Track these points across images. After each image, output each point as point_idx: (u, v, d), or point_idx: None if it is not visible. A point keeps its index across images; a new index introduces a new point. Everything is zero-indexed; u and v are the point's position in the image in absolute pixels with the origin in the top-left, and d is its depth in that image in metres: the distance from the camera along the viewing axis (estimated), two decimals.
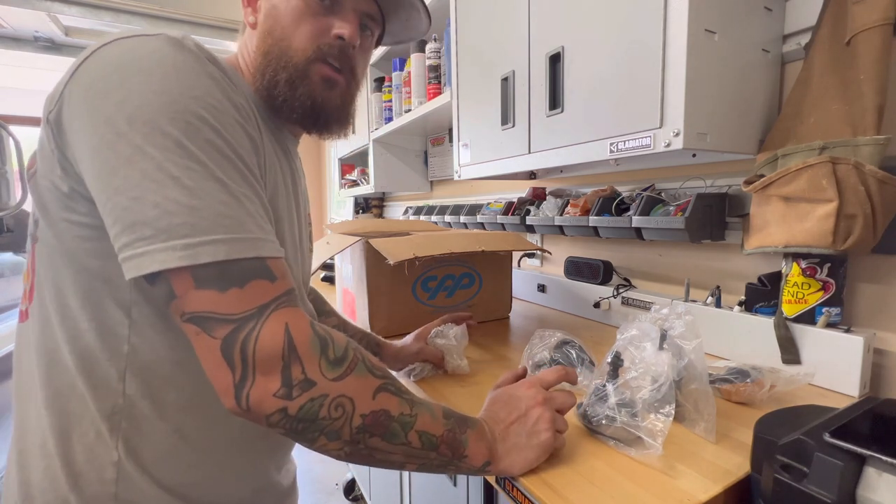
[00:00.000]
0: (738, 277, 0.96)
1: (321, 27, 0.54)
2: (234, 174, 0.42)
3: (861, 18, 0.68)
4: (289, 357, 0.41)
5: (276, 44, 0.53)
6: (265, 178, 0.51)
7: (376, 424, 0.45)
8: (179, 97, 0.40)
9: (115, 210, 0.39)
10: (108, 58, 0.41)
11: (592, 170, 1.29)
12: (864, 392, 0.74)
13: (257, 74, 0.54)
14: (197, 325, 0.40)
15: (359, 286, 1.14)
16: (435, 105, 1.49)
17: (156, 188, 0.38)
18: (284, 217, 0.56)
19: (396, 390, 0.48)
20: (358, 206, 2.89)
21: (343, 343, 0.46)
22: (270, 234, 0.44)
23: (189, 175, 0.39)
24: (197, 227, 0.38)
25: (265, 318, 0.41)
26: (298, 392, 0.41)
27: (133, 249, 0.38)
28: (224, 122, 0.43)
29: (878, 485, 0.40)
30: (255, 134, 0.48)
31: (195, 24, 2.49)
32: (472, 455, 0.51)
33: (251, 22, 0.56)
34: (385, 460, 0.47)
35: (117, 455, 0.46)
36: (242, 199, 0.42)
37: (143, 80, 0.40)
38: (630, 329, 0.65)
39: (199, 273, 0.39)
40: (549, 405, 0.56)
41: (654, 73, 0.71)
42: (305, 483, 2.05)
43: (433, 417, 0.49)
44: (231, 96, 0.45)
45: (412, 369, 0.85)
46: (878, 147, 0.67)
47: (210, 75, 0.43)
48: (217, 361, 0.40)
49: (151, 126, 0.39)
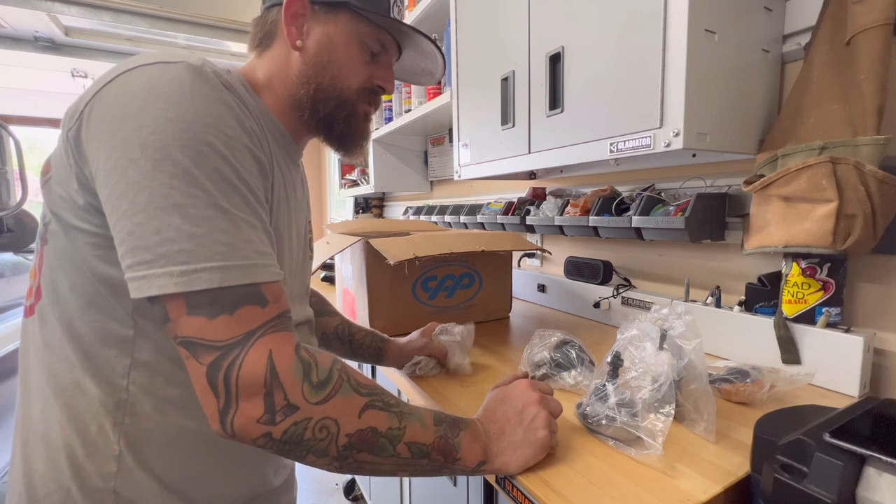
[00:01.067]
0: (738, 277, 0.96)
1: (368, 74, 0.62)
2: (238, 200, 0.44)
3: (861, 18, 0.68)
4: (271, 384, 0.42)
5: (332, 81, 0.59)
6: (272, 198, 0.53)
7: (363, 441, 0.46)
8: (192, 124, 0.42)
9: (121, 232, 0.41)
10: (130, 84, 0.43)
11: (592, 170, 1.29)
12: (864, 392, 0.74)
13: (302, 100, 0.59)
14: (187, 349, 0.41)
15: (359, 286, 1.14)
16: (435, 105, 1.49)
17: (159, 215, 0.40)
18: (285, 233, 0.58)
19: (384, 405, 0.48)
20: (358, 206, 2.89)
21: (327, 365, 0.46)
22: (269, 257, 0.46)
23: (193, 203, 0.41)
24: (194, 254, 0.40)
25: (250, 345, 0.42)
26: (282, 417, 0.42)
27: (135, 272, 0.40)
28: (233, 147, 0.45)
29: (878, 485, 0.40)
30: (264, 157, 0.50)
31: (195, 24, 2.49)
32: (465, 457, 0.51)
33: (297, 45, 0.58)
34: (376, 470, 0.48)
35: (118, 449, 0.48)
36: (242, 226, 0.44)
37: (160, 106, 0.42)
38: (630, 329, 0.65)
39: (192, 299, 0.41)
40: (544, 404, 0.57)
41: (654, 74, 0.71)
42: (305, 483, 2.05)
43: (423, 426, 0.49)
44: (243, 122, 0.47)
45: (416, 363, 0.84)
46: (878, 147, 0.67)
47: (225, 102, 0.45)
48: (203, 387, 0.42)
49: (163, 153, 0.41)
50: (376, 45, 0.62)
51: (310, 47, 0.58)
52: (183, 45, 2.70)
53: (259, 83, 0.59)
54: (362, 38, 0.60)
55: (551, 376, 0.77)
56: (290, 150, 0.63)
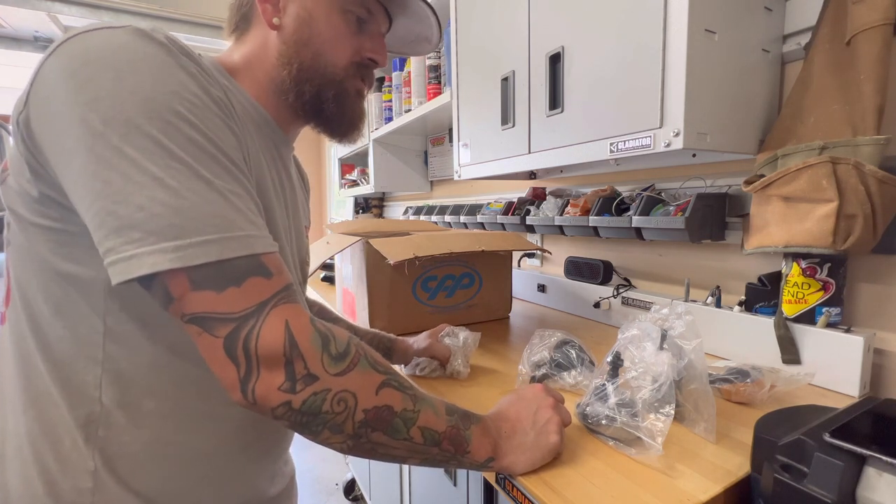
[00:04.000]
0: (738, 277, 0.96)
1: (356, 46, 0.57)
2: (219, 170, 0.41)
3: (861, 18, 0.68)
4: (291, 353, 0.41)
5: (315, 58, 0.54)
6: (251, 173, 0.49)
7: (379, 419, 0.45)
8: (154, 94, 0.38)
9: (99, 214, 0.37)
10: (73, 54, 0.38)
11: (592, 170, 1.29)
12: (864, 392, 0.74)
13: (284, 83, 0.54)
14: (198, 325, 0.40)
15: (359, 286, 1.14)
16: (435, 105, 1.49)
17: (139, 190, 0.37)
18: (276, 211, 0.55)
19: (400, 386, 0.47)
20: (358, 206, 2.89)
21: (345, 339, 0.45)
22: (262, 228, 0.44)
23: (172, 175, 0.38)
24: (185, 229, 0.38)
25: (265, 315, 0.41)
26: (302, 386, 0.41)
27: (120, 253, 0.37)
28: (203, 116, 0.41)
29: (878, 485, 0.40)
30: (236, 129, 0.46)
31: (195, 24, 2.49)
32: (475, 451, 0.51)
33: (274, 23, 0.53)
34: (388, 454, 0.47)
35: (94, 464, 0.45)
36: (230, 196, 0.41)
37: (113, 77, 0.38)
38: (630, 329, 0.65)
39: (194, 274, 0.38)
40: (558, 410, 0.57)
41: (654, 73, 0.71)
42: (305, 483, 2.05)
43: (436, 414, 0.49)
44: (209, 90, 0.43)
45: (417, 363, 0.85)
46: (878, 147, 0.67)
47: (184, 68, 0.41)
48: (221, 359, 0.40)
49: (128, 125, 0.37)
50: (362, 11, 0.56)
51: (288, 25, 0.53)
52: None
53: (235, 67, 0.55)
54: (345, 6, 0.55)
55: (551, 376, 0.77)
56: (278, 140, 0.59)
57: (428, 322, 1.16)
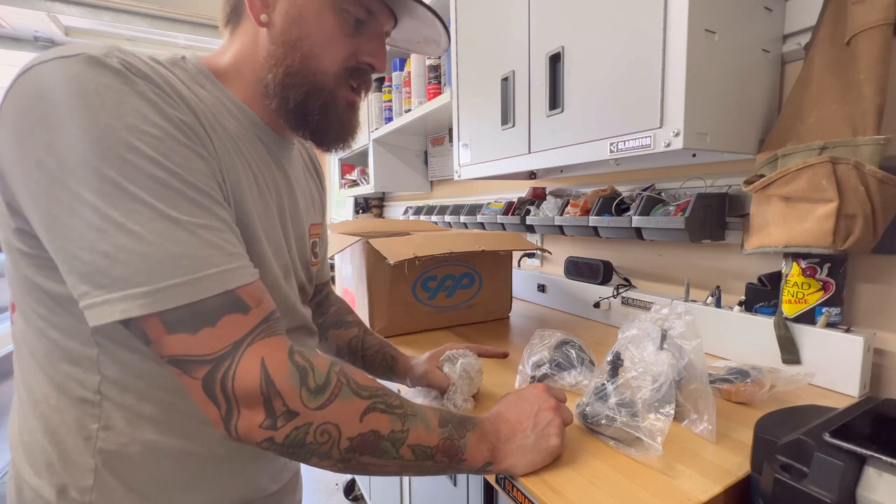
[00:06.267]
0: (738, 277, 0.96)
1: (351, 50, 0.52)
2: (186, 205, 0.40)
3: (861, 18, 0.68)
4: (268, 391, 0.41)
5: (303, 62, 0.50)
6: (229, 196, 0.47)
7: (365, 444, 0.45)
8: (108, 129, 0.37)
9: (67, 260, 0.37)
10: (26, 92, 0.38)
11: (592, 170, 1.29)
12: (864, 392, 0.74)
13: (269, 87, 0.51)
14: (176, 367, 0.40)
15: (359, 286, 1.14)
16: (435, 105, 1.49)
17: (102, 237, 0.36)
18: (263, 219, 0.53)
19: (387, 407, 0.47)
20: (358, 206, 2.89)
21: (324, 370, 0.45)
22: (240, 258, 0.43)
23: (134, 219, 0.37)
24: (153, 274, 0.37)
25: (241, 355, 0.41)
26: (283, 422, 0.42)
27: (92, 298, 0.37)
28: (165, 149, 0.39)
29: (878, 485, 0.40)
30: (205, 152, 0.43)
31: (195, 24, 2.49)
32: (470, 458, 0.51)
33: (262, 20, 0.50)
34: (380, 472, 0.47)
35: (94, 463, 0.46)
36: (199, 232, 0.40)
37: (65, 114, 0.36)
38: (630, 329, 0.65)
39: (167, 317, 0.38)
40: (559, 411, 0.56)
41: (654, 73, 0.71)
42: (306, 483, 2.04)
43: (427, 429, 0.48)
44: (170, 116, 0.40)
45: (419, 391, 0.77)
46: (878, 147, 0.67)
47: (141, 95, 0.39)
48: (202, 398, 0.41)
49: (84, 168, 0.36)
50: (361, 11, 0.52)
51: (277, 22, 0.49)
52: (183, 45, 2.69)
53: (224, 69, 0.52)
54: (340, 4, 0.50)
55: (551, 376, 0.77)
56: (271, 142, 0.56)
57: (428, 322, 1.16)
